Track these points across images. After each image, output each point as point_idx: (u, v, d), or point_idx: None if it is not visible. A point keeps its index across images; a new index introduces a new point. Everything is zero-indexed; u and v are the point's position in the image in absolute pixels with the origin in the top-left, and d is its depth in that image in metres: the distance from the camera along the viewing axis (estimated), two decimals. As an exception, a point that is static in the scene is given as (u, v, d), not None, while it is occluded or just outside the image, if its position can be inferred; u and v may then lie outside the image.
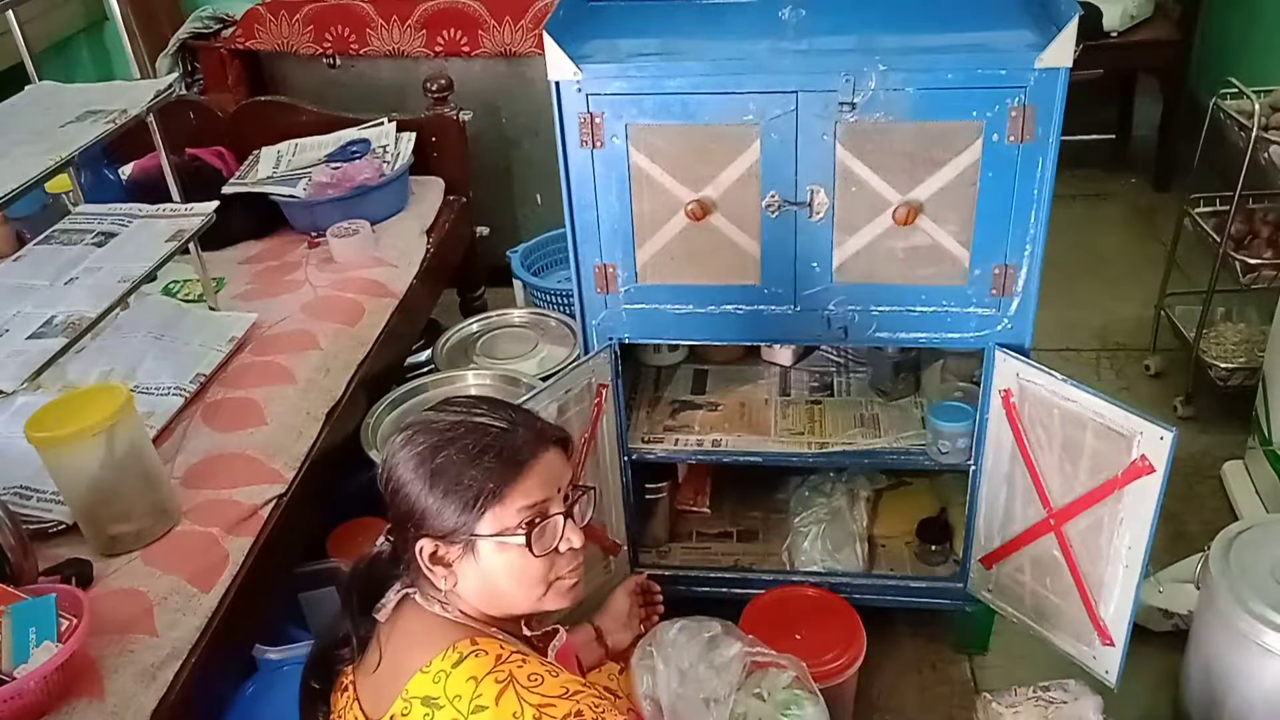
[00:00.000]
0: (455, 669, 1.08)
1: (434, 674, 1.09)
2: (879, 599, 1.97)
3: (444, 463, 1.14)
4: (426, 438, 1.17)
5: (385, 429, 2.10)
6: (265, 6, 3.08)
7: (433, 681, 1.08)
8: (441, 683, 1.08)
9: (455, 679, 1.07)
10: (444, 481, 1.14)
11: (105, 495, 1.53)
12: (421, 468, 1.15)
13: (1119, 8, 3.30)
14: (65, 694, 1.33)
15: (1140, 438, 1.51)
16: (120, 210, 2.13)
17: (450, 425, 1.18)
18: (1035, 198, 1.55)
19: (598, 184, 1.64)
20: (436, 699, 1.07)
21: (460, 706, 1.06)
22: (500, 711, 1.05)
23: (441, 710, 1.06)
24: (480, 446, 1.15)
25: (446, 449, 1.15)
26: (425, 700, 1.08)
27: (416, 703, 1.08)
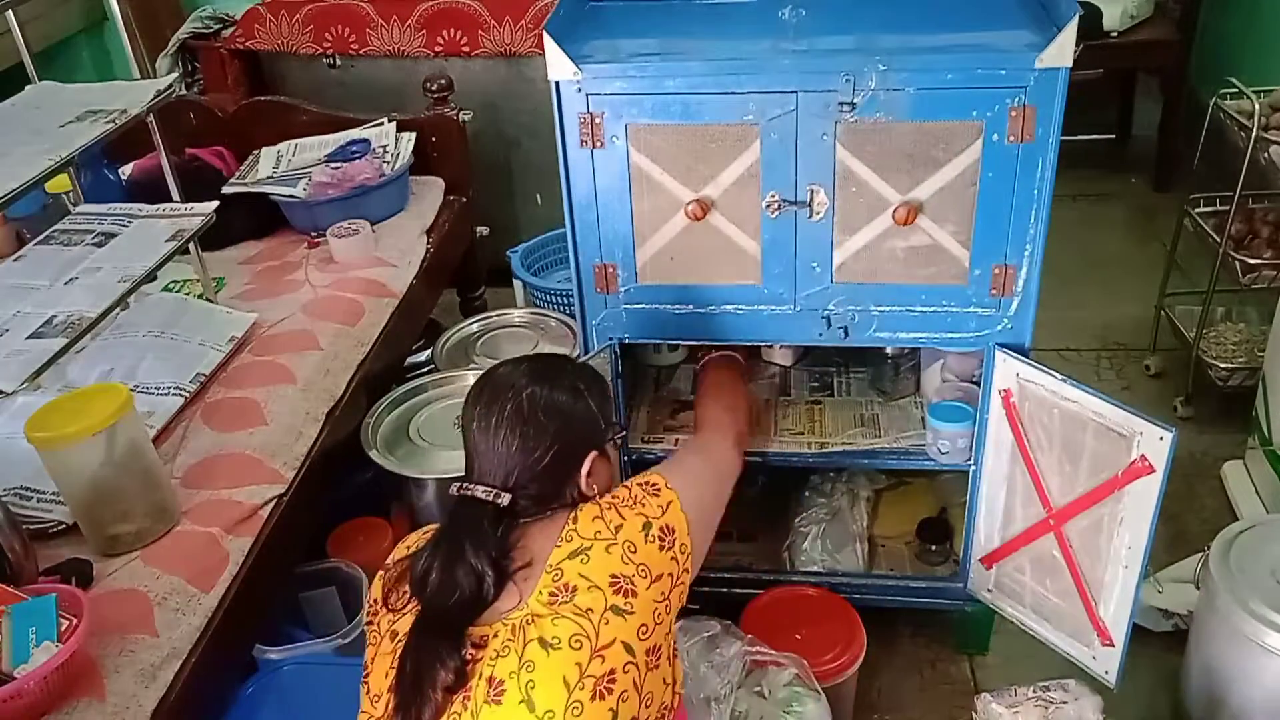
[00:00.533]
0: (578, 524, 1.24)
1: (564, 539, 1.22)
2: (879, 599, 1.97)
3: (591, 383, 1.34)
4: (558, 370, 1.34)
5: (385, 429, 2.10)
6: (265, 6, 3.08)
7: (568, 542, 1.22)
8: (575, 539, 1.22)
9: (583, 527, 1.23)
10: (602, 397, 1.35)
11: (105, 495, 1.53)
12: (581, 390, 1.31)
13: (1119, 8, 3.30)
14: (65, 694, 1.33)
15: (1140, 438, 1.51)
16: (120, 210, 2.13)
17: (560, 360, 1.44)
18: (1035, 198, 1.55)
19: (598, 184, 1.64)
20: (581, 547, 1.21)
21: (604, 535, 1.22)
22: (630, 522, 1.24)
23: (591, 549, 1.21)
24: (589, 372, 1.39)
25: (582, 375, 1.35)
26: (571, 555, 1.20)
27: (565, 562, 1.20)
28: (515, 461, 1.25)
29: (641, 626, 1.19)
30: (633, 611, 1.18)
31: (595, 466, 1.31)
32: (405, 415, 2.15)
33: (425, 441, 2.07)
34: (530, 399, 1.27)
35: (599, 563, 1.20)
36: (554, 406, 1.28)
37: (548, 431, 1.26)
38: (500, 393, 1.28)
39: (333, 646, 1.79)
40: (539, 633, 1.15)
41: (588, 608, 1.16)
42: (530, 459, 1.25)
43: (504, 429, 1.26)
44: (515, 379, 1.30)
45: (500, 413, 1.26)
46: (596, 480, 1.31)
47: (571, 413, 1.29)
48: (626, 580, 1.19)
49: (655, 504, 1.28)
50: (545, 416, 1.26)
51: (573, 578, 1.18)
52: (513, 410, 1.26)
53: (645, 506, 1.27)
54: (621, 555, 1.21)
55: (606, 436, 1.34)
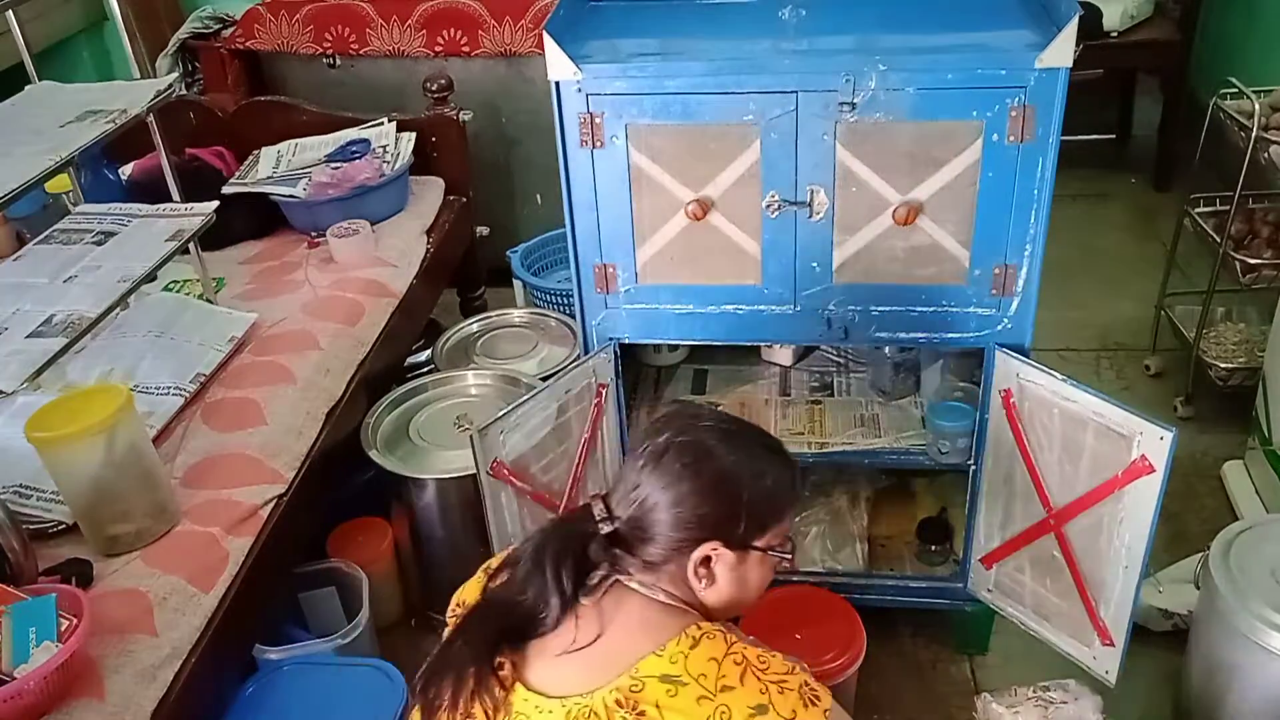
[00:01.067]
0: (693, 651, 1.11)
1: (670, 655, 1.10)
2: (879, 599, 1.97)
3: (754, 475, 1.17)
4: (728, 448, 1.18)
5: (385, 429, 2.10)
6: (265, 6, 3.08)
7: (670, 662, 1.10)
8: (680, 664, 1.09)
9: (695, 660, 1.10)
10: (752, 493, 1.17)
11: (105, 495, 1.54)
12: (733, 477, 1.16)
13: (1119, 8, 3.30)
14: (65, 694, 1.33)
15: (1140, 438, 1.51)
16: (120, 210, 2.13)
17: (748, 439, 1.21)
18: (1035, 198, 1.55)
19: (598, 184, 1.64)
20: (678, 677, 1.09)
21: (707, 685, 1.08)
22: (746, 691, 1.08)
23: (685, 688, 1.08)
24: (781, 467, 1.21)
25: (755, 465, 1.18)
26: (664, 678, 1.09)
27: (653, 681, 1.09)
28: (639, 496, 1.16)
29: None
30: None
31: (718, 564, 1.17)
32: (405, 415, 2.15)
33: (425, 441, 2.07)
34: (691, 445, 1.16)
35: (684, 706, 1.06)
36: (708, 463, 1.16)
37: (681, 485, 1.15)
38: (673, 424, 1.19)
39: (333, 646, 1.79)
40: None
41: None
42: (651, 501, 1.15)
43: (647, 457, 1.16)
44: (698, 419, 1.20)
45: (656, 441, 1.17)
46: (713, 584, 1.18)
47: (720, 482, 1.16)
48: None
49: (792, 706, 1.08)
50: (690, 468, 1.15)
51: (650, 703, 1.07)
52: (664, 444, 1.16)
53: (782, 696, 1.08)
54: (710, 715, 1.06)
55: (748, 539, 1.18)
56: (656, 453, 1.16)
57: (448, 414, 2.15)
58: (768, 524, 1.19)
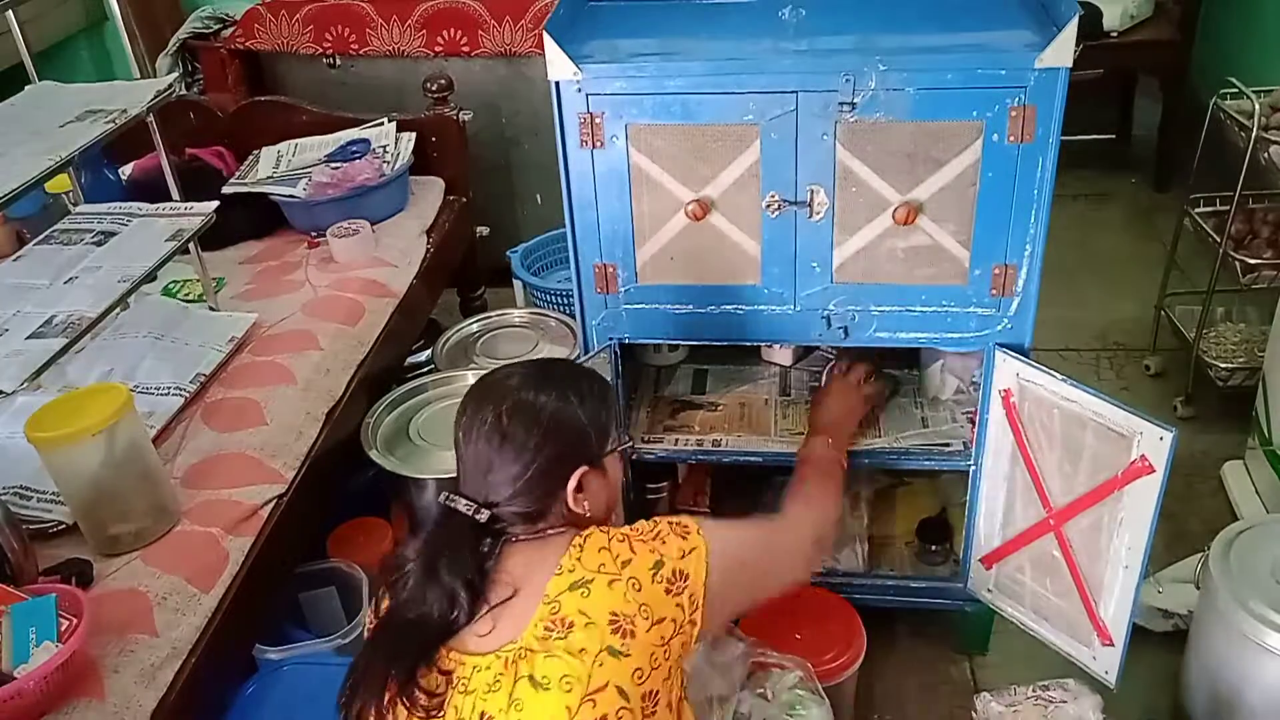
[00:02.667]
0: (583, 553, 1.17)
1: (568, 567, 1.16)
2: (879, 599, 1.97)
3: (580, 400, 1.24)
4: (550, 375, 1.26)
5: (385, 429, 2.10)
6: (265, 6, 3.08)
7: (570, 573, 1.15)
8: (578, 569, 1.15)
9: (588, 558, 1.17)
10: (599, 406, 1.26)
11: (105, 495, 1.53)
12: (573, 399, 1.23)
13: (1119, 8, 3.30)
14: (65, 694, 1.33)
15: (1140, 438, 1.51)
16: (120, 210, 2.13)
17: (562, 365, 1.36)
18: (1035, 198, 1.55)
19: (598, 184, 1.64)
20: (584, 579, 1.15)
21: (610, 570, 1.15)
22: (640, 557, 1.17)
23: (594, 583, 1.14)
24: (592, 380, 1.29)
25: (576, 390, 1.25)
26: (573, 586, 1.14)
27: (565, 594, 1.14)
28: (496, 474, 1.19)
29: (637, 670, 1.12)
30: (628, 654, 1.11)
31: (587, 483, 1.23)
32: (405, 415, 2.15)
33: (425, 441, 2.07)
34: (514, 407, 1.20)
35: (599, 598, 1.13)
36: (537, 415, 1.20)
37: (529, 444, 1.19)
38: (487, 399, 1.22)
39: (333, 646, 1.79)
40: (530, 669, 1.10)
41: (581, 648, 1.10)
42: (510, 472, 1.18)
43: (484, 438, 1.19)
44: (504, 385, 1.24)
45: (483, 420, 1.20)
46: (590, 499, 1.23)
47: (558, 422, 1.21)
48: (626, 619, 1.12)
49: (678, 546, 1.19)
50: (526, 426, 1.19)
51: (571, 612, 1.12)
52: (493, 418, 1.20)
53: (665, 545, 1.18)
54: (625, 592, 1.13)
55: (601, 450, 1.25)
56: (494, 429, 1.19)
57: (448, 414, 2.13)
58: (608, 429, 1.27)
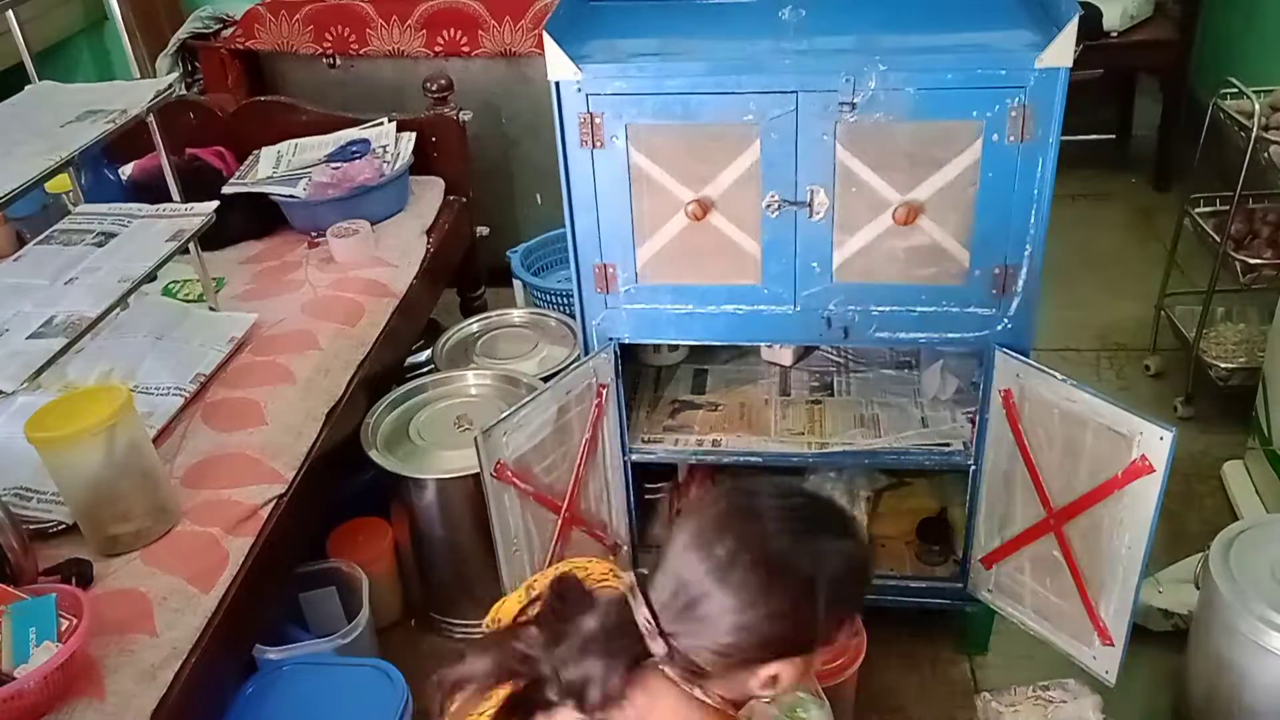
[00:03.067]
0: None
1: None
2: (879, 599, 1.96)
3: (830, 582, 1.02)
4: (800, 553, 1.02)
5: (385, 429, 2.10)
6: (265, 6, 3.08)
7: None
8: None
9: None
10: (828, 600, 1.01)
11: (105, 495, 1.54)
12: (806, 590, 1.01)
13: (1119, 8, 3.30)
14: (65, 694, 1.33)
15: (1140, 438, 1.51)
16: (120, 210, 2.13)
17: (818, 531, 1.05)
18: (1035, 198, 1.55)
19: (598, 184, 1.64)
20: None
21: None
22: None
23: None
24: (855, 559, 1.06)
25: (830, 566, 1.02)
26: None
27: None
28: (695, 613, 1.00)
29: None
30: None
31: (785, 671, 1.03)
32: (405, 415, 2.15)
33: (425, 441, 2.07)
34: (764, 557, 1.00)
35: None
36: (781, 582, 1.00)
37: (755, 606, 0.99)
38: (731, 526, 1.02)
39: (333, 646, 1.79)
40: None
41: None
42: (714, 624, 1.00)
43: (713, 572, 0.99)
44: (762, 517, 1.03)
45: (718, 550, 1.00)
46: (781, 685, 1.04)
47: (796, 602, 1.00)
48: None
49: None
50: (764, 586, 0.99)
51: None
52: (734, 557, 0.99)
53: None
54: None
55: (827, 636, 1.04)
56: (723, 564, 0.99)
57: (448, 414, 2.15)
58: (842, 621, 1.06)
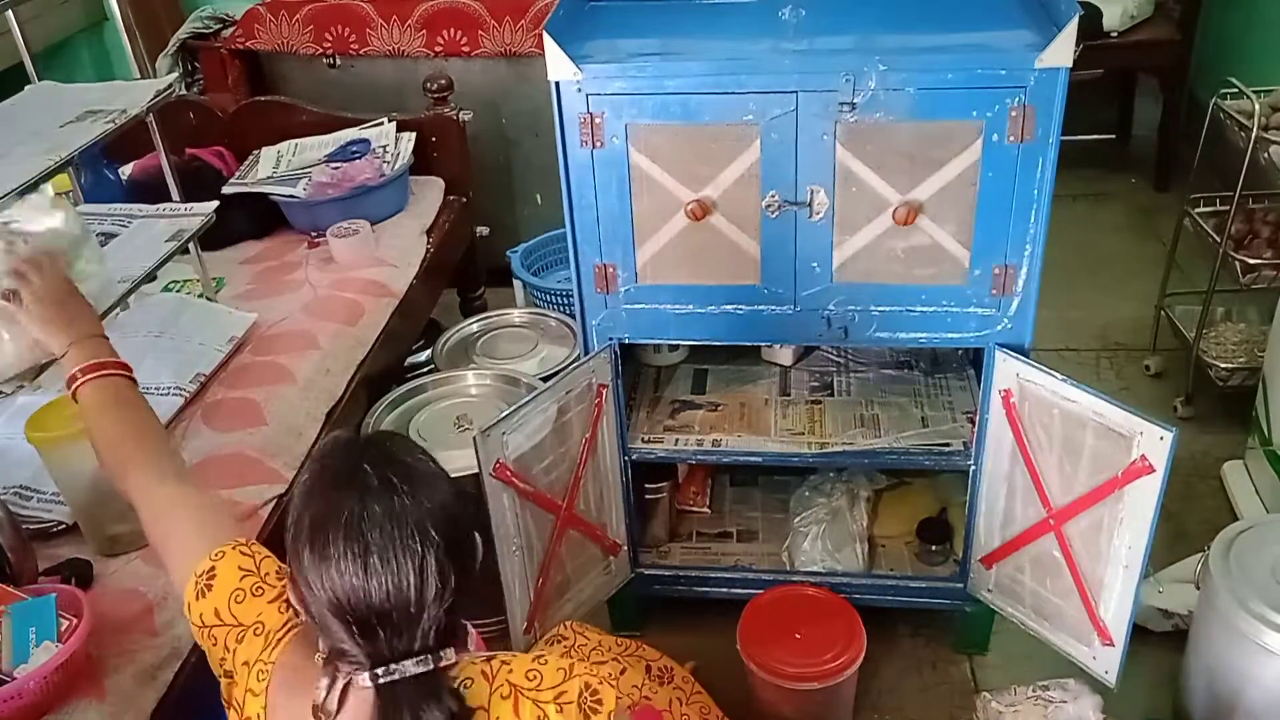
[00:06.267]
0: None
1: None
2: (879, 599, 1.97)
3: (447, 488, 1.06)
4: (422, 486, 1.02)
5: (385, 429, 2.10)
6: (265, 6, 3.08)
7: None
8: None
9: None
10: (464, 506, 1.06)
11: (105, 495, 1.53)
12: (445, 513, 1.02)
13: (1119, 8, 3.30)
14: (65, 694, 1.33)
15: (1140, 438, 1.51)
16: (120, 210, 2.13)
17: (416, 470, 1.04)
18: (1035, 198, 1.55)
19: (598, 184, 1.64)
20: None
21: None
22: None
23: None
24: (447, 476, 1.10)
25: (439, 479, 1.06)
26: None
27: None
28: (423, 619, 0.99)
29: None
30: None
31: None
32: (405, 415, 2.15)
33: (425, 441, 2.07)
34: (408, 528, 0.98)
35: None
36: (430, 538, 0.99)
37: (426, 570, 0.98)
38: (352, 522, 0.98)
39: (333, 646, 1.79)
40: None
41: None
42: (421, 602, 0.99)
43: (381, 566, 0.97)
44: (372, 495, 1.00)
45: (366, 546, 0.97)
46: None
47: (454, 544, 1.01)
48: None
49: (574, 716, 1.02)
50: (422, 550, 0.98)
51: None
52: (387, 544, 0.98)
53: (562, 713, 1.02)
54: None
55: None
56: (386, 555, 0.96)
57: (448, 414, 2.14)
58: None
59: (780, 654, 1.77)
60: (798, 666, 1.75)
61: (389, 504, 0.97)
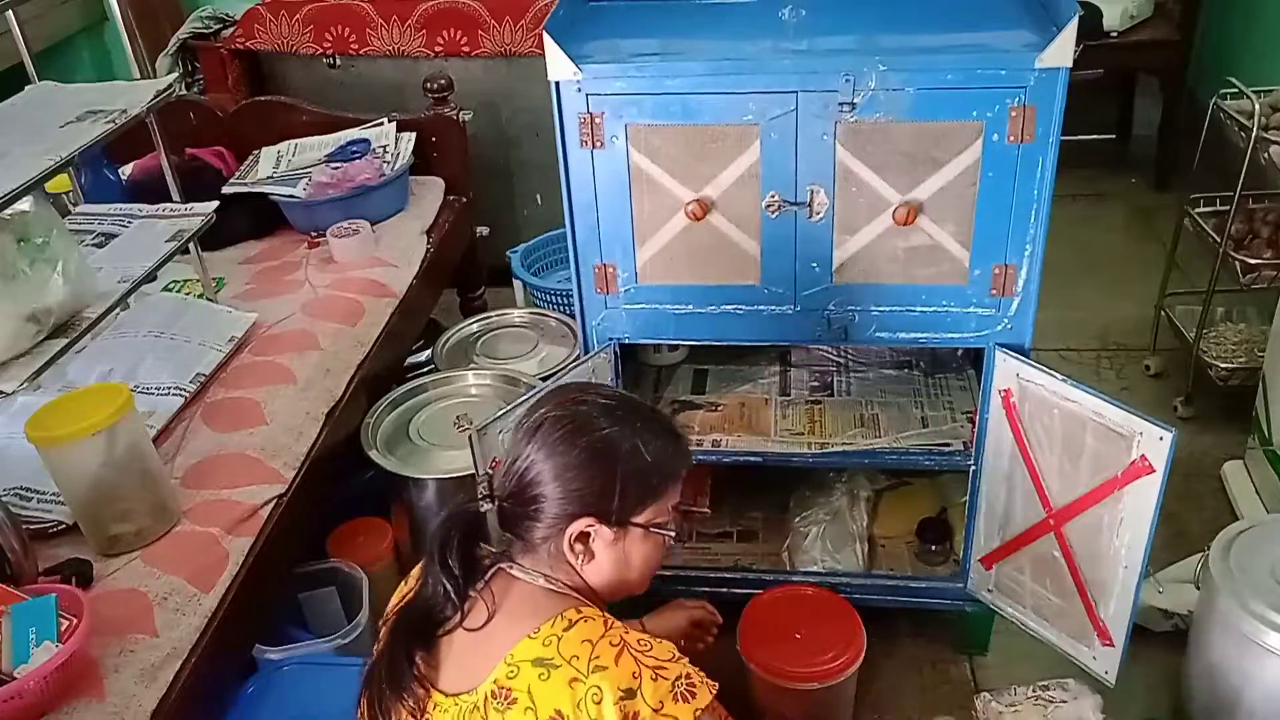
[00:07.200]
0: (567, 633, 1.11)
1: (543, 638, 1.11)
2: (879, 599, 1.97)
3: (631, 450, 1.18)
4: (605, 422, 1.19)
5: (385, 429, 2.10)
6: (265, 6, 3.08)
7: (543, 645, 1.10)
8: (554, 645, 1.10)
9: (569, 642, 1.10)
10: (628, 467, 1.18)
11: (105, 495, 1.54)
12: (606, 450, 1.17)
13: (1119, 8, 3.30)
14: (65, 694, 1.33)
15: (1140, 438, 1.51)
16: (120, 210, 2.13)
17: (629, 413, 1.22)
18: (1035, 198, 1.55)
19: (598, 184, 1.64)
20: (550, 659, 1.09)
21: (579, 666, 1.08)
22: (620, 671, 1.08)
23: (557, 670, 1.08)
24: (663, 442, 1.22)
25: (632, 438, 1.19)
26: (537, 661, 1.09)
27: (526, 665, 1.09)
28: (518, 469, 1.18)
29: None
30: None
31: (596, 542, 1.18)
32: (405, 415, 2.15)
33: (425, 441, 2.07)
34: (570, 419, 1.17)
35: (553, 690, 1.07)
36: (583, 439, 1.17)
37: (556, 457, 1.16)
38: (550, 400, 1.21)
39: (333, 646, 1.79)
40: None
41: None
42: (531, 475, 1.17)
43: (527, 435, 1.18)
44: (581, 395, 1.22)
45: (534, 416, 1.19)
46: (591, 563, 1.19)
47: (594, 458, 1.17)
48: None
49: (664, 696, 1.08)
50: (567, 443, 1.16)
51: (521, 686, 1.08)
52: (543, 420, 1.18)
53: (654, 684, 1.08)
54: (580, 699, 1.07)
55: (626, 513, 1.19)
56: (534, 426, 1.17)
57: (448, 414, 2.15)
58: (647, 500, 1.19)
59: (780, 654, 1.77)
60: (798, 666, 1.75)
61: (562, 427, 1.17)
